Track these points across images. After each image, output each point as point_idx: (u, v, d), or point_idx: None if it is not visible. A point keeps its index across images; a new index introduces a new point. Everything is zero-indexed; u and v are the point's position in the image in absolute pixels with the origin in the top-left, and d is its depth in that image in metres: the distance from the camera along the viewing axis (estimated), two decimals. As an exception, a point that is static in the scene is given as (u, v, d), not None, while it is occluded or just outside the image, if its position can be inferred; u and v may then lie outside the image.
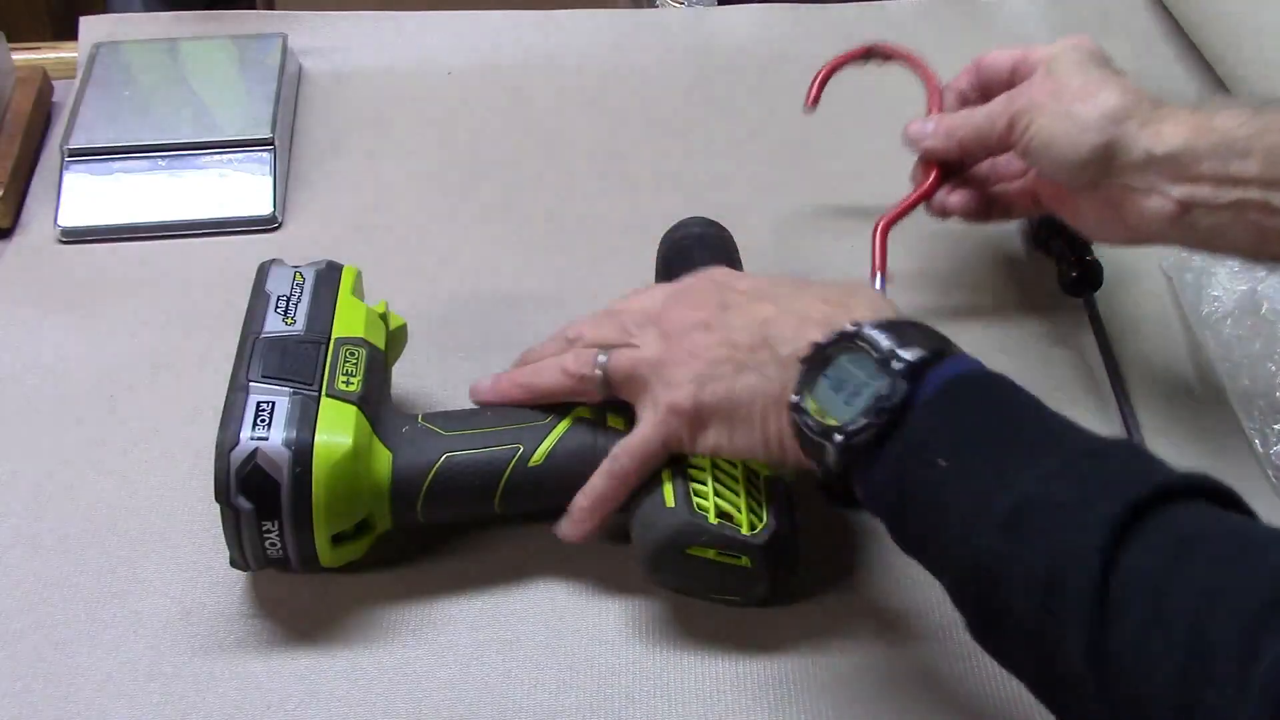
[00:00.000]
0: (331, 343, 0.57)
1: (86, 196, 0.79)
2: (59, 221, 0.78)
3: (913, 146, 0.69)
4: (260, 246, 0.78)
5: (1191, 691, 0.37)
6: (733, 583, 0.56)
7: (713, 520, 0.54)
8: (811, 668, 0.56)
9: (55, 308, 0.74)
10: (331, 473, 0.53)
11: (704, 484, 0.55)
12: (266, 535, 0.54)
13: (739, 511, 0.54)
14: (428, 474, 0.56)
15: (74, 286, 0.75)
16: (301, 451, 0.53)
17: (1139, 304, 0.75)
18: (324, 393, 0.55)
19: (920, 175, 0.69)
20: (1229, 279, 0.72)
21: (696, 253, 0.66)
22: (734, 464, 0.56)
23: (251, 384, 0.55)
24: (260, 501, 0.53)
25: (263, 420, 0.53)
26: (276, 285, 0.60)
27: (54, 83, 0.90)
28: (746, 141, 0.87)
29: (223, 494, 0.53)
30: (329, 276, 0.61)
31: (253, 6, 1.29)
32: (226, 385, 0.55)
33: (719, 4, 1.05)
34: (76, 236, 0.79)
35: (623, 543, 0.58)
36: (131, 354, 0.71)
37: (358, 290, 0.62)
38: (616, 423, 0.57)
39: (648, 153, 0.86)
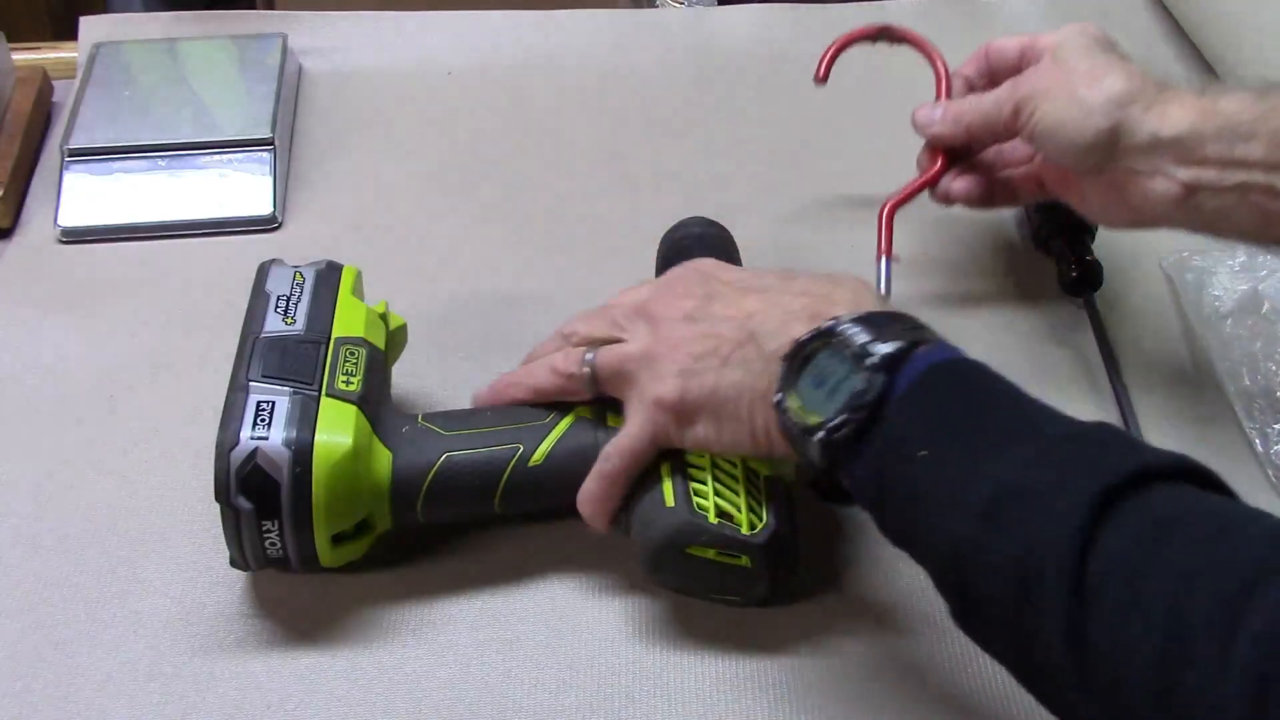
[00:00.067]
0: (331, 342, 0.57)
1: (86, 196, 0.79)
2: (59, 221, 0.78)
3: (921, 132, 0.68)
4: (260, 246, 0.77)
5: (1171, 674, 0.37)
6: (733, 582, 0.56)
7: (713, 520, 0.54)
8: (811, 668, 0.56)
9: (55, 308, 0.74)
10: (331, 473, 0.53)
11: (704, 483, 0.55)
12: (266, 535, 0.54)
13: (739, 511, 0.54)
14: (428, 474, 0.56)
15: (74, 286, 0.75)
16: (301, 451, 0.53)
17: (1139, 304, 0.74)
18: (324, 392, 0.55)
19: (926, 161, 0.69)
20: (1229, 279, 0.72)
21: (696, 253, 0.66)
22: (734, 463, 0.56)
23: (251, 384, 0.55)
24: (260, 501, 0.53)
25: (263, 420, 0.53)
26: (276, 285, 0.60)
27: (54, 83, 0.90)
28: (746, 141, 0.87)
29: (223, 494, 0.53)
30: (329, 276, 0.61)
31: (253, 6, 1.30)
32: (226, 385, 0.55)
33: (719, 4, 1.05)
34: (76, 236, 0.79)
35: (623, 541, 0.58)
36: (131, 354, 0.71)
37: (358, 290, 0.62)
38: (616, 422, 0.57)
39: (648, 153, 0.86)
